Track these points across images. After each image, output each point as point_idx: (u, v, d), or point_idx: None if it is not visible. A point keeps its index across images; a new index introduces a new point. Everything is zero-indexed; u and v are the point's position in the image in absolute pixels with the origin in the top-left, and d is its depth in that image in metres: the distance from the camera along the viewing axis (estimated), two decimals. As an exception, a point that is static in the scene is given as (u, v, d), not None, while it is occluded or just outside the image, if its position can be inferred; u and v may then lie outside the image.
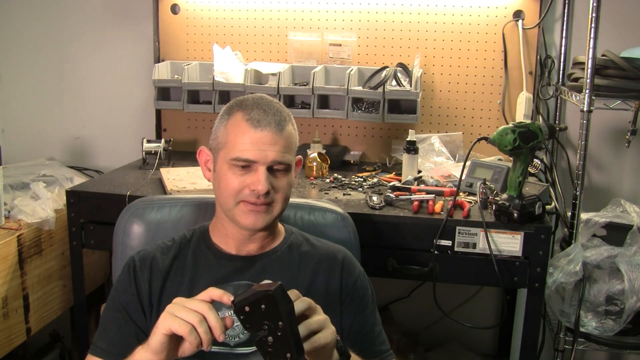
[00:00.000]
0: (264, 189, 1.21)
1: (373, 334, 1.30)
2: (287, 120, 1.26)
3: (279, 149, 1.22)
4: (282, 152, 1.23)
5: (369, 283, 1.35)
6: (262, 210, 1.24)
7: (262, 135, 1.21)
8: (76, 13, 2.58)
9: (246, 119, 1.22)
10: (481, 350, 2.54)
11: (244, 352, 1.23)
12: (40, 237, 2.02)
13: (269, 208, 1.24)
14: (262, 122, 1.22)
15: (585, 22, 1.73)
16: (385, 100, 2.15)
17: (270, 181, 1.22)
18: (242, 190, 1.23)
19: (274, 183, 1.23)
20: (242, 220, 1.24)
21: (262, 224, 1.25)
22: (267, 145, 1.21)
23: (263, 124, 1.21)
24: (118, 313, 1.24)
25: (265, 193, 1.21)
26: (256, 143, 1.21)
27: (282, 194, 1.25)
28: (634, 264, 1.74)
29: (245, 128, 1.22)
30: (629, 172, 2.34)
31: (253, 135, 1.21)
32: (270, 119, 1.22)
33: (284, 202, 1.27)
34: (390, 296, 2.51)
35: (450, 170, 2.07)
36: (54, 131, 2.68)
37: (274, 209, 1.25)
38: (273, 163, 1.22)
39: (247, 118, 1.22)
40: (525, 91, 2.23)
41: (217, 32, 2.46)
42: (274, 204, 1.25)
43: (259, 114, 1.22)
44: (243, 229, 1.26)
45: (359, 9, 2.35)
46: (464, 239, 1.72)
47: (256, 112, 1.23)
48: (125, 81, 2.59)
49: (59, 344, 2.45)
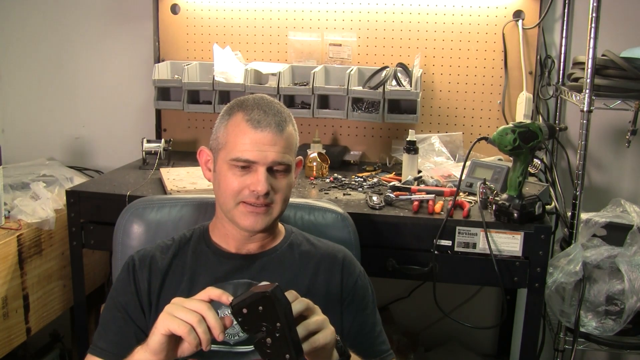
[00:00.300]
0: (264, 190, 1.20)
1: (373, 333, 1.30)
2: (287, 121, 1.26)
3: (279, 150, 1.22)
4: (282, 153, 1.23)
5: (369, 283, 1.35)
6: (262, 212, 1.24)
7: (262, 135, 1.21)
8: (76, 13, 2.58)
9: (246, 120, 1.22)
10: (481, 350, 2.54)
11: (244, 350, 1.23)
12: (40, 237, 2.02)
13: (268, 209, 1.24)
14: (263, 122, 1.21)
15: (585, 22, 1.73)
16: (385, 100, 2.15)
17: (270, 182, 1.22)
18: (241, 190, 1.23)
19: (273, 184, 1.23)
20: (241, 221, 1.24)
21: (262, 226, 1.25)
22: (267, 145, 1.21)
23: (263, 125, 1.21)
24: (117, 313, 1.24)
25: (265, 194, 1.21)
26: (256, 144, 1.21)
27: (281, 194, 1.25)
28: (634, 264, 1.74)
29: (246, 128, 1.22)
30: (629, 172, 2.34)
31: (253, 136, 1.21)
32: (270, 120, 1.22)
33: (283, 203, 1.27)
34: (390, 296, 2.51)
35: (450, 170, 2.07)
36: (54, 131, 2.68)
37: (273, 210, 1.25)
38: (273, 164, 1.22)
39: (248, 118, 1.22)
40: (525, 91, 2.23)
41: (217, 32, 2.46)
42: (274, 205, 1.25)
43: (260, 114, 1.22)
44: (242, 230, 1.26)
45: (359, 9, 2.35)
46: (464, 239, 1.72)
47: (256, 112, 1.23)
48: (125, 81, 2.60)
49: (59, 344, 2.45)
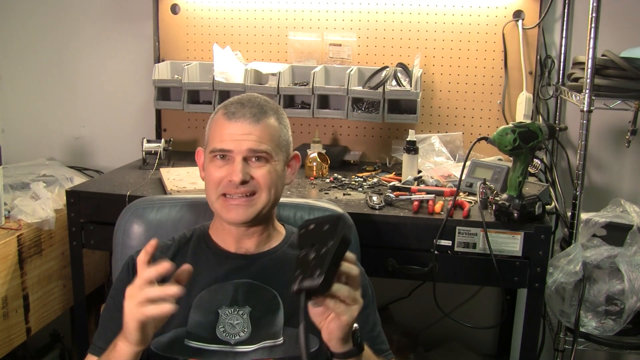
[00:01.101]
0: (239, 178, 1.22)
1: (373, 333, 1.30)
2: (267, 113, 1.27)
3: (254, 139, 1.24)
4: (258, 142, 1.24)
5: (369, 283, 1.35)
6: (243, 203, 1.24)
7: (237, 125, 1.24)
8: (76, 13, 2.58)
9: (224, 113, 1.27)
10: (481, 350, 2.54)
11: (245, 350, 1.23)
12: (40, 237, 2.02)
13: (251, 200, 1.25)
14: (237, 114, 1.25)
15: (585, 22, 1.73)
16: (385, 100, 2.15)
17: (248, 171, 1.24)
18: (221, 181, 1.25)
19: (252, 172, 1.25)
20: (224, 214, 1.26)
21: (245, 217, 1.25)
22: (242, 135, 1.24)
23: (237, 116, 1.25)
24: (117, 313, 1.23)
25: (242, 182, 1.22)
26: (231, 134, 1.24)
27: (263, 182, 1.25)
28: (634, 264, 1.74)
29: (222, 121, 1.26)
30: (629, 172, 2.34)
31: (228, 127, 1.25)
32: (245, 111, 1.25)
33: (268, 191, 1.26)
34: (390, 296, 2.51)
35: (450, 170, 2.07)
36: (54, 131, 2.68)
37: (257, 200, 1.25)
38: (248, 152, 1.24)
39: (225, 112, 1.27)
40: (525, 91, 2.23)
41: (217, 32, 2.46)
42: (257, 194, 1.25)
43: (236, 107, 1.26)
44: (229, 224, 1.27)
45: (359, 9, 2.35)
46: (464, 239, 1.72)
47: (234, 106, 1.27)
48: (125, 81, 2.60)
49: (59, 344, 2.45)
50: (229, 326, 1.23)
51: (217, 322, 1.23)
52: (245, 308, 1.24)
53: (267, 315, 1.25)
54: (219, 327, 1.23)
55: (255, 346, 1.23)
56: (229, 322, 1.24)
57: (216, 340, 1.22)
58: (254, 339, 1.23)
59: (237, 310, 1.24)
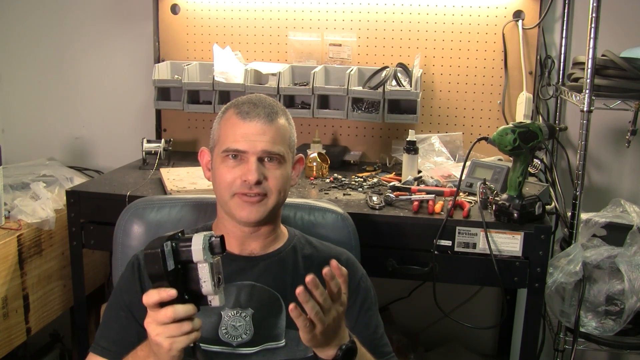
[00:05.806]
0: (254, 178, 1.21)
1: (376, 335, 1.31)
2: (279, 113, 1.27)
3: (268, 139, 1.23)
4: (272, 143, 1.24)
5: (371, 285, 1.35)
6: (256, 202, 1.24)
7: (251, 125, 1.23)
8: (76, 13, 2.58)
9: (237, 113, 1.26)
10: (481, 350, 2.54)
11: (247, 352, 1.23)
12: (40, 237, 2.02)
13: (262, 199, 1.25)
14: (251, 113, 1.24)
15: (585, 22, 1.73)
16: (385, 100, 2.15)
17: (262, 171, 1.23)
18: (234, 181, 1.24)
19: (266, 173, 1.24)
20: (237, 213, 1.25)
21: (257, 217, 1.25)
22: (257, 135, 1.23)
23: (252, 115, 1.24)
24: (121, 312, 1.24)
25: (257, 182, 1.22)
26: (245, 134, 1.23)
27: (275, 184, 1.25)
28: (634, 264, 1.74)
29: (236, 121, 1.25)
30: (629, 172, 2.34)
31: (242, 126, 1.24)
32: (259, 111, 1.24)
33: (278, 194, 1.26)
34: (390, 296, 2.51)
35: (450, 170, 2.07)
36: (54, 131, 2.68)
37: (268, 200, 1.25)
38: (263, 153, 1.23)
39: (238, 112, 1.25)
40: (525, 91, 2.23)
41: (217, 32, 2.46)
42: (268, 195, 1.25)
43: (249, 107, 1.25)
44: (240, 223, 1.27)
45: (359, 9, 2.35)
46: (464, 239, 1.72)
47: (246, 106, 1.26)
48: (125, 81, 2.59)
49: (59, 344, 2.45)
50: (231, 328, 1.23)
51: (219, 324, 1.23)
52: (247, 310, 1.24)
53: (269, 317, 1.25)
54: (222, 329, 1.23)
55: (257, 348, 1.23)
56: (232, 324, 1.23)
57: (218, 341, 1.22)
58: (256, 341, 1.23)
59: (240, 312, 1.24)
